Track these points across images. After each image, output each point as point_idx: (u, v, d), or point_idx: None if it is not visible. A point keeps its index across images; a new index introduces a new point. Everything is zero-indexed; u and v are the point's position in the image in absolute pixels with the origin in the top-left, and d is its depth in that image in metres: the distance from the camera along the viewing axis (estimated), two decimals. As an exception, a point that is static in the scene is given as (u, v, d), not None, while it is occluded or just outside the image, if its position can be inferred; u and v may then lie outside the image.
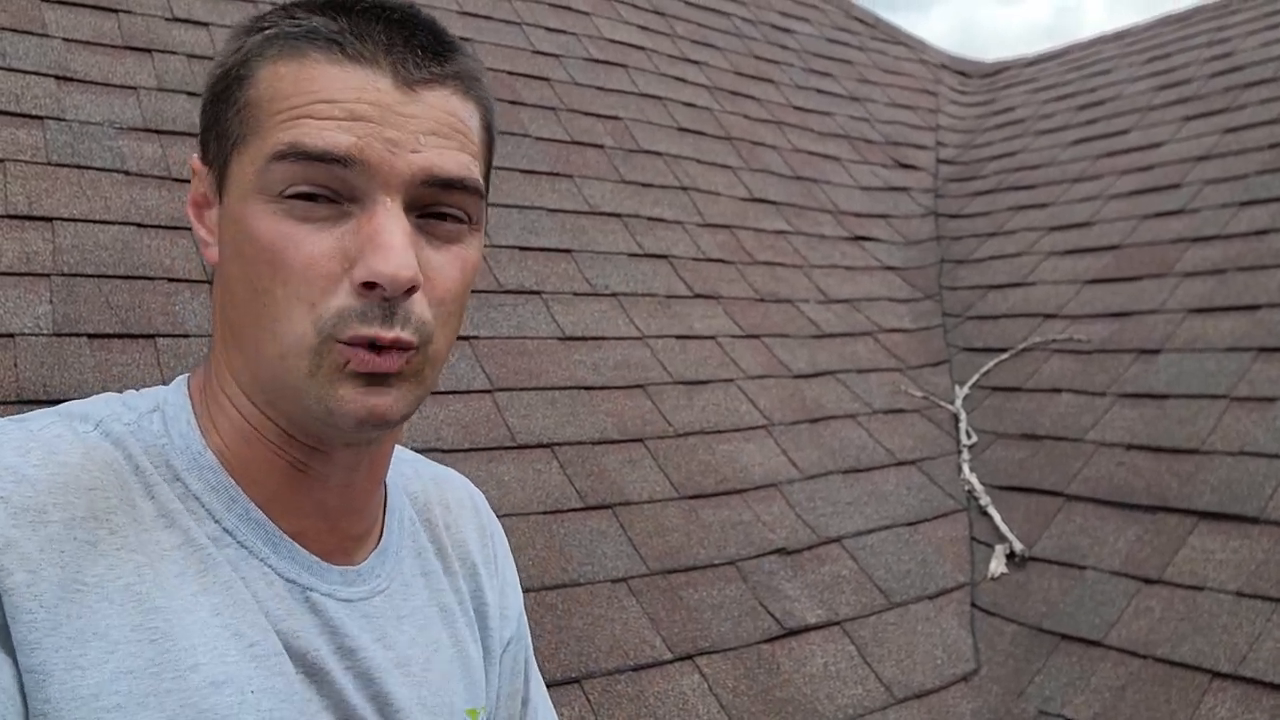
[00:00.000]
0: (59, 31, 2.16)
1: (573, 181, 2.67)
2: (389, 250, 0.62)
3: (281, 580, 0.69)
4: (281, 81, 0.65)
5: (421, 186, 0.65)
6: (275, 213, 0.63)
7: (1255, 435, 2.05)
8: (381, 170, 0.63)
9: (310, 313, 0.63)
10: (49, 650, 0.57)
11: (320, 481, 0.71)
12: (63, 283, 1.71)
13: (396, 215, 0.63)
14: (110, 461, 0.65)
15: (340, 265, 0.63)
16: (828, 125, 3.85)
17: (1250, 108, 3.20)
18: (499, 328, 2.14)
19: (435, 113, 0.66)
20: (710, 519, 1.97)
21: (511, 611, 0.92)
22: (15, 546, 0.58)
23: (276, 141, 0.63)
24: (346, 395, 0.64)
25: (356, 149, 0.62)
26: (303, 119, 0.63)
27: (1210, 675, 1.67)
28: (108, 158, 1.97)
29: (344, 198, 0.63)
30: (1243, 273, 2.52)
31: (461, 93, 0.69)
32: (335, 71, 0.64)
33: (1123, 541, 2.01)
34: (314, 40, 0.65)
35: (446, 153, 0.66)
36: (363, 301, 0.63)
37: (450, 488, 0.91)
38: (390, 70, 0.65)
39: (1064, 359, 2.64)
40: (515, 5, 3.24)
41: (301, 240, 0.63)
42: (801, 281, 2.91)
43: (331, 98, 0.63)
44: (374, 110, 0.63)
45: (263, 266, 0.64)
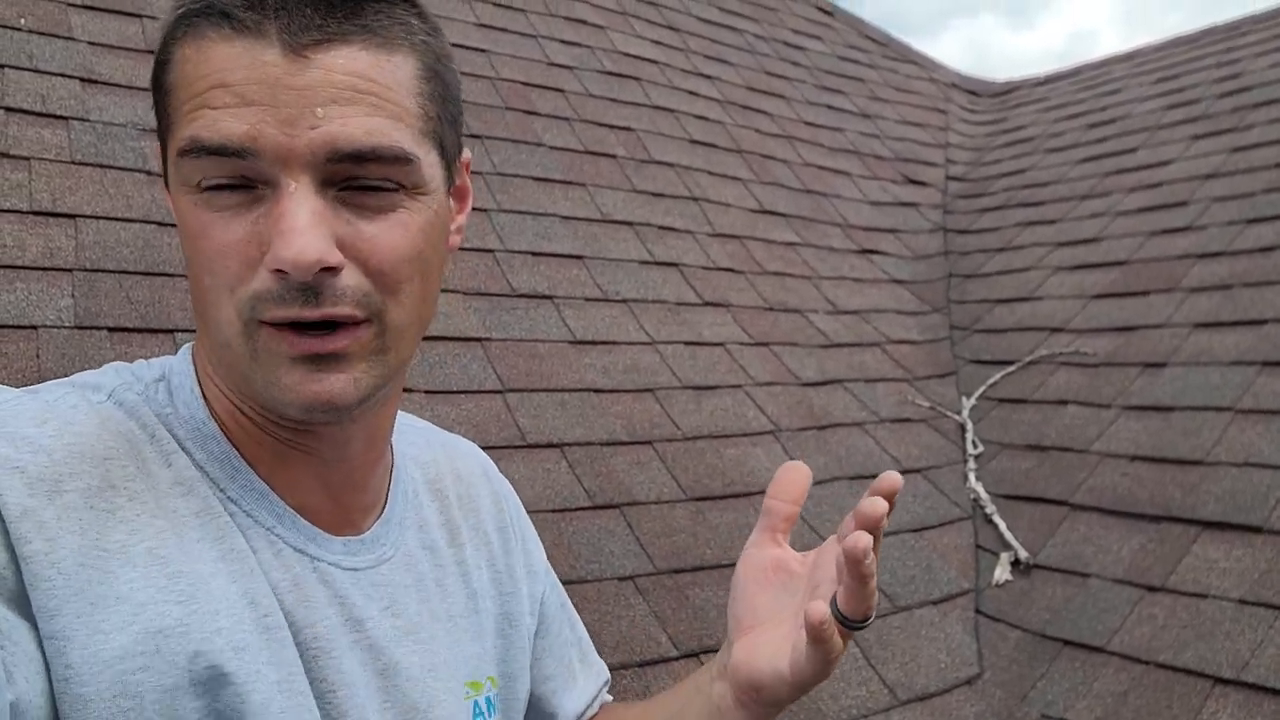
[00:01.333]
0: (85, 35, 2.21)
1: (586, 190, 2.70)
2: (290, 234, 0.59)
3: (290, 549, 0.69)
4: (186, 65, 0.63)
5: (330, 163, 0.61)
6: (196, 204, 0.63)
7: (1259, 447, 2.06)
8: (279, 154, 0.60)
9: (231, 299, 0.62)
10: (69, 616, 0.57)
11: (315, 457, 0.71)
12: (84, 277, 1.75)
13: (301, 197, 0.61)
14: (125, 431, 0.65)
15: (257, 250, 0.61)
16: (838, 141, 3.89)
17: (1258, 127, 3.23)
18: (511, 330, 2.16)
19: (334, 77, 0.61)
20: (717, 521, 1.99)
21: (538, 566, 0.93)
22: (32, 515, 0.58)
23: (181, 137, 0.62)
24: (289, 382, 0.63)
25: (249, 139, 0.60)
26: (201, 109, 0.61)
27: (1212, 681, 1.68)
28: (130, 158, 2.00)
29: (256, 182, 0.62)
30: (1248, 289, 2.53)
31: (374, 46, 0.63)
32: (225, 49, 0.61)
33: (1126, 550, 2.02)
34: (209, 16, 0.62)
35: (352, 121, 0.61)
36: (279, 284, 0.61)
37: (460, 456, 0.91)
38: (278, 38, 0.60)
39: (1070, 372, 2.66)
40: (531, 18, 3.29)
41: (217, 229, 0.62)
42: (810, 292, 2.93)
43: (223, 81, 0.60)
44: (262, 90, 0.60)
45: (192, 256, 0.64)
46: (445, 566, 0.82)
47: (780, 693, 0.71)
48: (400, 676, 0.73)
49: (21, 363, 1.56)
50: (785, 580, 0.76)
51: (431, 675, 0.76)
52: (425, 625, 0.77)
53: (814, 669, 0.68)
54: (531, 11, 3.33)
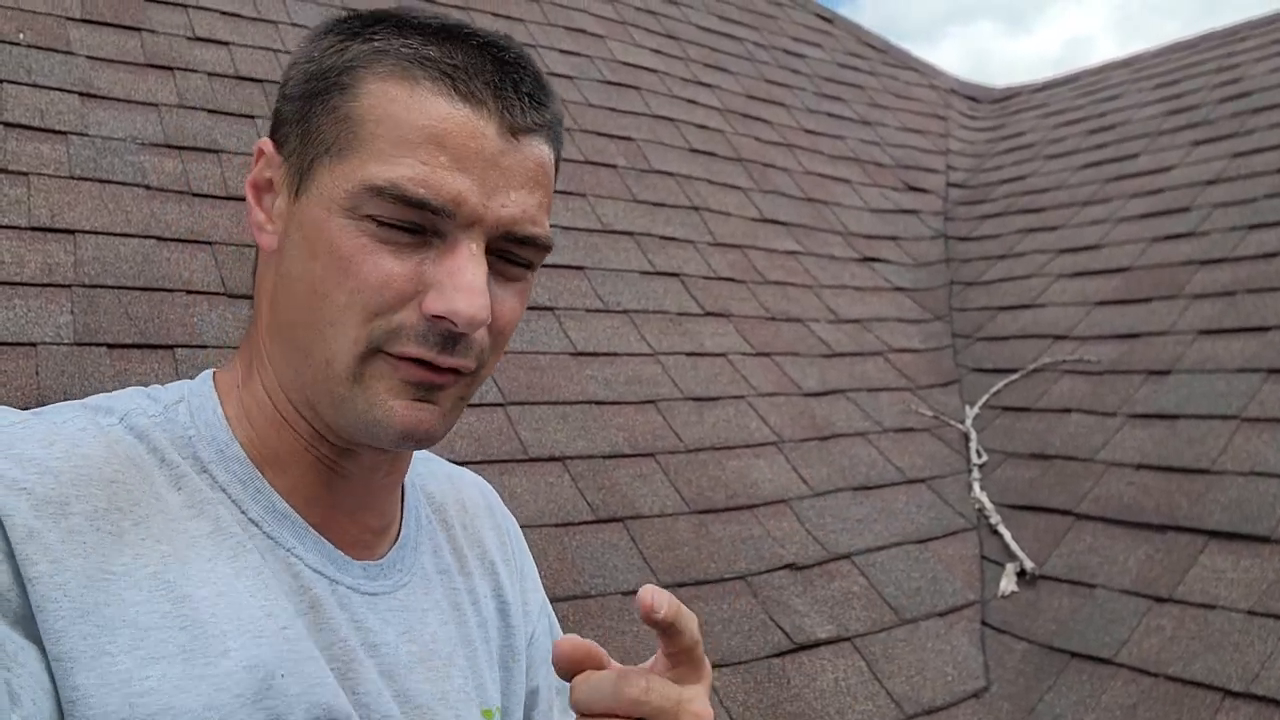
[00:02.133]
0: (83, 50, 2.20)
1: (586, 200, 2.70)
2: (470, 293, 0.64)
3: (309, 570, 0.70)
4: (392, 104, 0.65)
5: (502, 238, 0.67)
6: (359, 229, 0.65)
7: (1266, 455, 2.05)
8: (471, 219, 0.65)
9: (367, 322, 0.65)
10: (75, 638, 0.58)
11: (343, 478, 0.73)
12: (84, 293, 1.74)
13: (479, 259, 0.65)
14: (133, 455, 0.66)
15: (414, 288, 0.65)
16: (838, 148, 3.88)
17: (1259, 132, 3.22)
18: (512, 343, 2.15)
19: (528, 164, 0.67)
20: (720, 534, 1.97)
21: (533, 606, 0.93)
22: (38, 537, 0.58)
23: (377, 175, 0.64)
24: (395, 405, 0.66)
25: (454, 202, 0.64)
26: (407, 158, 0.64)
27: (1222, 694, 1.67)
28: (129, 172, 2.00)
29: (428, 230, 0.65)
30: (1252, 295, 2.52)
31: (549, 140, 0.70)
32: (445, 107, 0.65)
33: (1133, 560, 2.01)
34: (426, 68, 0.65)
35: (529, 209, 0.67)
36: (426, 326, 0.65)
37: (465, 487, 0.92)
38: (497, 114, 0.66)
39: (1074, 379, 2.65)
40: (530, 28, 3.28)
41: (381, 258, 0.65)
42: (812, 301, 2.92)
43: (439, 139, 0.64)
44: (477, 161, 0.65)
45: (334, 272, 0.65)
46: (459, 591, 0.83)
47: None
48: (413, 704, 0.73)
49: (20, 380, 1.55)
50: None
51: (443, 703, 0.75)
52: (441, 652, 0.77)
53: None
54: (530, 21, 3.33)
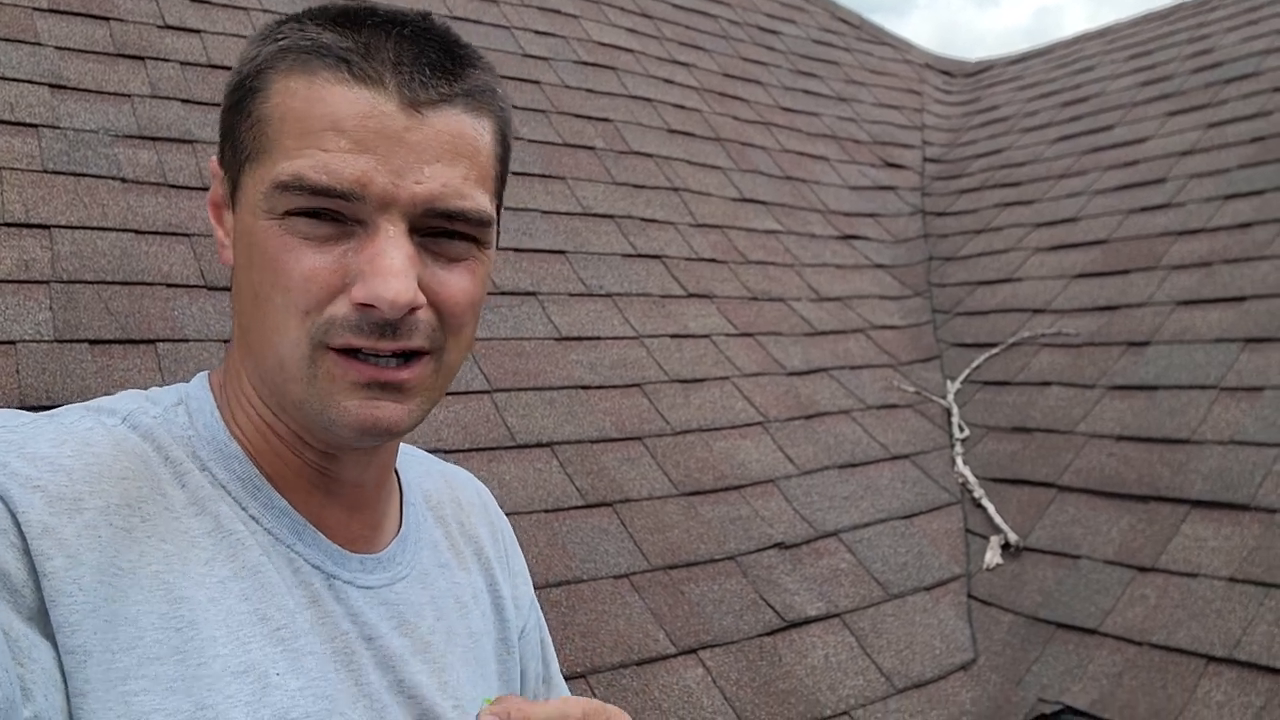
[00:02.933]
0: (51, 40, 2.17)
1: (565, 183, 2.69)
2: (389, 275, 0.63)
3: (309, 566, 0.71)
4: (292, 99, 0.65)
5: (424, 215, 0.65)
6: (281, 229, 0.65)
7: (1244, 424, 2.08)
8: (384, 200, 0.64)
9: (304, 320, 0.65)
10: (89, 632, 0.59)
11: (335, 481, 0.74)
12: (62, 289, 1.72)
13: (398, 240, 0.64)
14: (139, 453, 0.67)
15: (340, 279, 0.64)
16: (815, 126, 3.88)
17: (1231, 103, 3.24)
18: (496, 329, 2.15)
19: (442, 137, 0.66)
20: (709, 515, 1.98)
21: (524, 601, 0.94)
22: (54, 533, 0.59)
23: (282, 170, 0.64)
24: (349, 405, 0.66)
25: (359, 184, 0.63)
26: (309, 148, 0.64)
27: (1206, 660, 1.70)
28: (103, 165, 1.97)
29: (348, 219, 0.65)
30: (1228, 265, 2.55)
31: (473, 110, 0.68)
32: (342, 92, 0.64)
33: (1116, 531, 2.04)
34: (324, 57, 0.65)
35: (451, 183, 0.66)
36: (359, 315, 0.64)
37: (460, 485, 0.93)
38: (396, 91, 0.64)
39: (1053, 353, 2.67)
40: (504, 9, 3.26)
41: (305, 255, 0.64)
42: (793, 280, 2.93)
43: (338, 125, 0.63)
44: (379, 140, 0.64)
45: (267, 275, 0.65)
46: (460, 585, 0.84)
47: None
48: (408, 695, 0.74)
49: (1, 379, 1.53)
50: None
51: (442, 693, 0.77)
52: (439, 643, 0.78)
53: None
54: (504, 2, 3.30)
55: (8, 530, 0.58)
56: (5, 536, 0.58)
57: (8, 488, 0.59)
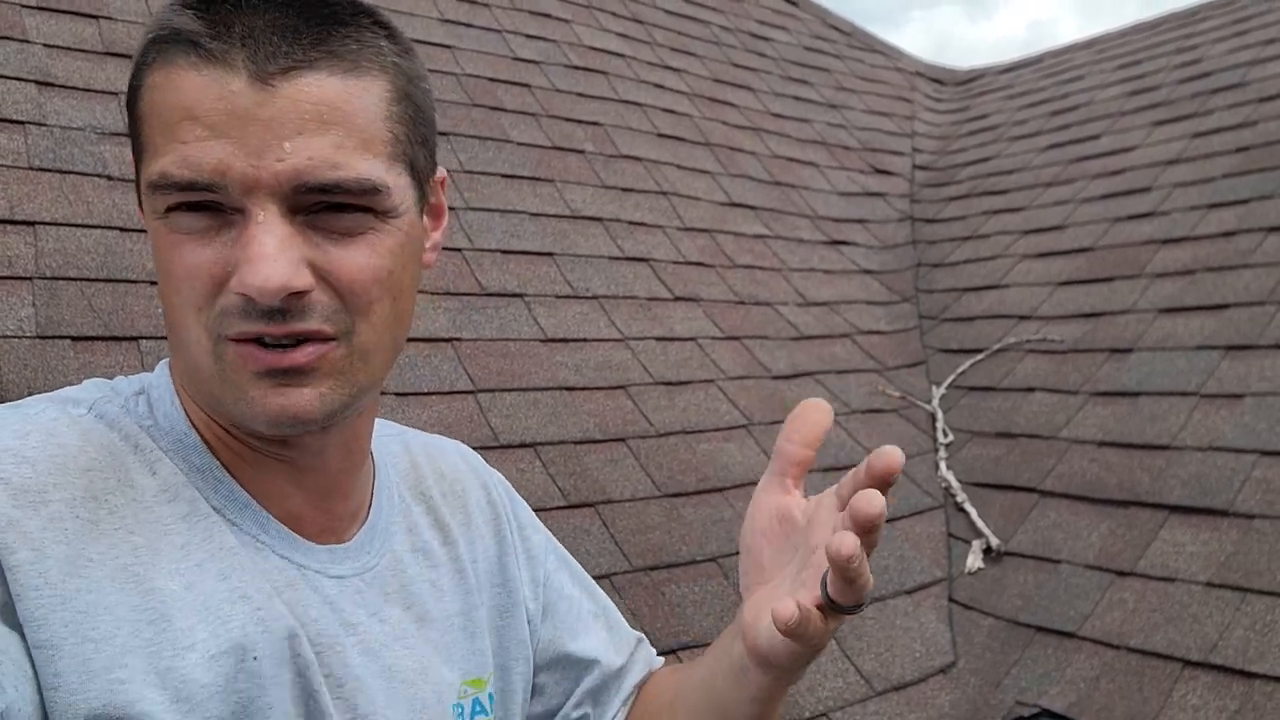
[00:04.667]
0: (39, 37, 2.17)
1: (554, 186, 2.69)
2: (258, 261, 0.61)
3: (275, 555, 0.70)
4: (155, 93, 0.63)
5: (297, 192, 0.62)
6: (167, 228, 0.64)
7: (1224, 431, 2.09)
8: (246, 185, 0.61)
9: (199, 318, 0.64)
10: (57, 625, 0.58)
11: (291, 465, 0.72)
12: (45, 286, 1.72)
13: (268, 224, 0.62)
14: (106, 443, 0.66)
15: (223, 270, 0.63)
16: (805, 132, 3.89)
17: (1218, 113, 3.27)
18: (482, 330, 2.15)
19: (301, 106, 0.62)
20: (691, 517, 1.99)
21: (537, 550, 0.93)
22: (17, 525, 0.59)
23: (152, 171, 0.63)
24: (255, 396, 0.64)
25: (217, 173, 0.61)
26: (171, 143, 0.62)
27: (1182, 664, 1.71)
28: (90, 162, 1.97)
29: (226, 208, 0.63)
30: (1211, 273, 2.57)
31: (342, 72, 0.63)
32: (194, 78, 0.61)
33: (1096, 536, 2.05)
34: (177, 43, 0.62)
35: (318, 154, 0.62)
36: (245, 303, 0.62)
37: (442, 455, 0.92)
38: (244, 67, 0.61)
39: (1038, 359, 2.68)
40: (495, 13, 3.27)
41: (186, 251, 0.63)
42: (780, 284, 2.94)
43: (192, 113, 0.61)
44: (230, 121, 0.61)
45: (164, 277, 0.65)
46: (440, 567, 0.83)
47: (787, 658, 0.66)
48: (397, 679, 0.74)
49: (-18, 375, 1.53)
50: (789, 533, 0.70)
51: (423, 677, 0.77)
52: (412, 630, 0.77)
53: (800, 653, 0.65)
54: (496, 6, 3.31)
55: None
56: None
57: None
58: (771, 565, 0.71)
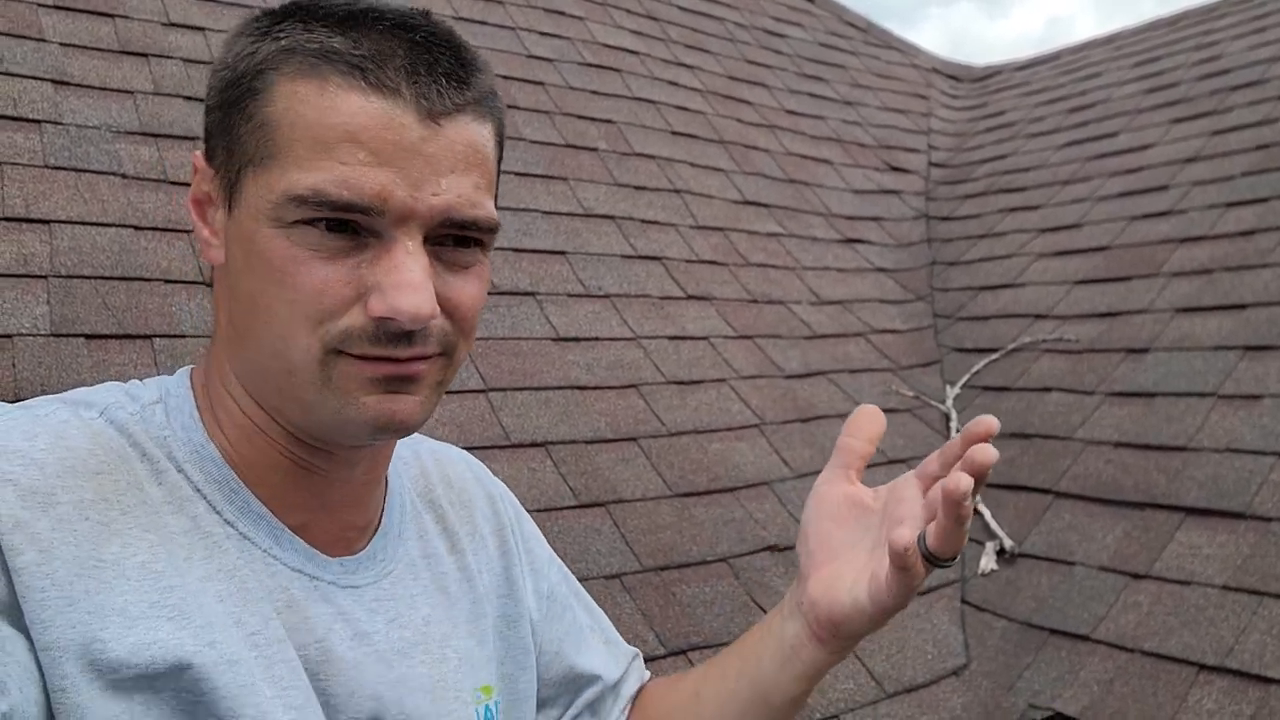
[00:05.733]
0: (56, 36, 2.18)
1: (567, 184, 2.69)
2: (410, 289, 0.63)
3: (286, 569, 0.70)
4: (302, 105, 0.63)
5: (441, 227, 0.66)
6: (291, 239, 0.64)
7: (1241, 432, 2.07)
8: (402, 214, 0.64)
9: (316, 329, 0.64)
10: (63, 627, 0.58)
11: (322, 477, 0.73)
12: (60, 284, 1.73)
13: (417, 254, 0.64)
14: (116, 447, 0.66)
15: (354, 291, 0.64)
16: (820, 129, 3.88)
17: (1237, 110, 3.23)
18: (494, 329, 2.15)
19: (456, 147, 0.65)
20: (703, 516, 1.99)
21: (541, 563, 0.93)
22: (25, 527, 0.59)
23: (298, 182, 0.62)
24: (368, 401, 0.66)
25: (379, 199, 0.63)
26: (326, 160, 0.62)
27: (1197, 668, 1.69)
28: (105, 161, 1.98)
29: (363, 230, 0.64)
30: (1229, 273, 2.54)
31: (480, 116, 0.68)
32: (358, 101, 0.63)
33: (1111, 537, 2.03)
34: (334, 63, 0.63)
35: (465, 193, 0.66)
36: (375, 326, 0.64)
37: (450, 463, 0.92)
38: (413, 102, 0.63)
39: (1053, 358, 2.66)
40: (509, 10, 3.26)
41: (316, 265, 0.64)
42: (794, 283, 2.93)
43: (355, 137, 0.62)
44: (397, 153, 0.63)
45: (272, 286, 0.64)
46: (449, 574, 0.83)
47: (859, 624, 0.75)
48: (411, 687, 0.74)
49: (-3, 372, 1.54)
50: (859, 516, 0.78)
51: (440, 686, 0.76)
52: (434, 635, 0.78)
53: (894, 598, 0.72)
54: (509, 3, 3.31)
55: None
56: None
57: None
58: (842, 546, 0.78)
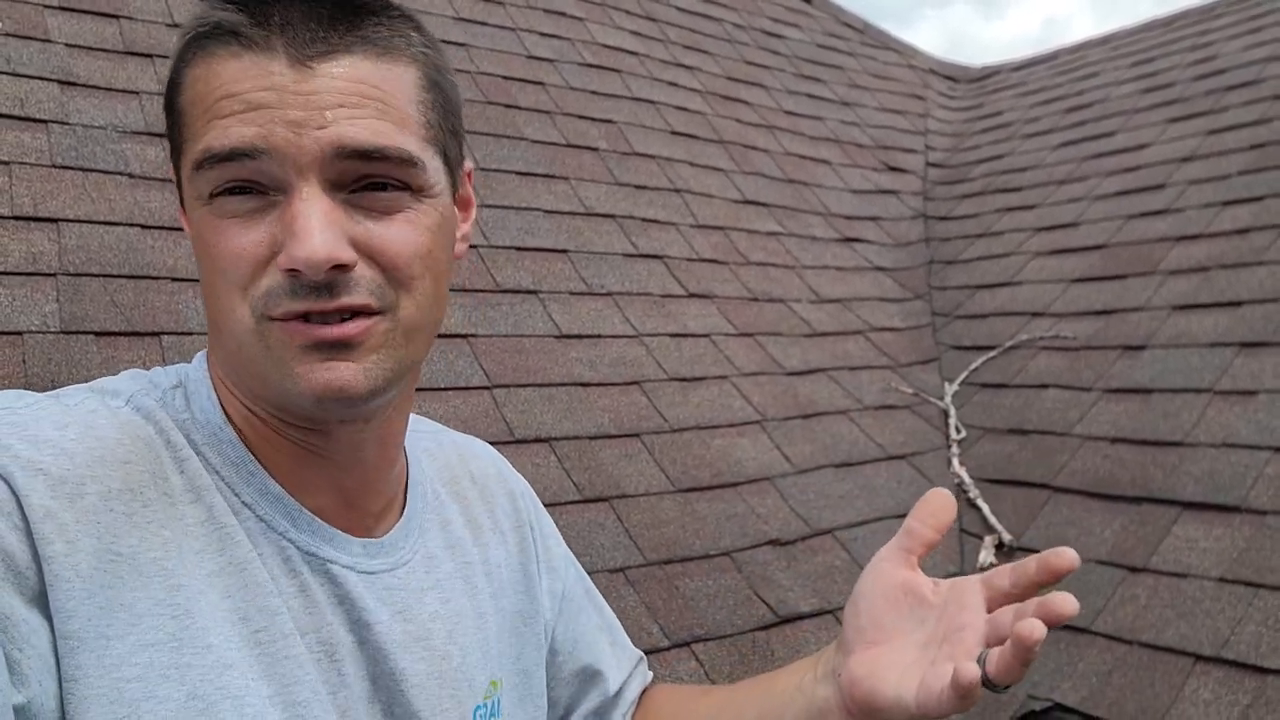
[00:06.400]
0: (62, 37, 2.20)
1: (568, 184, 2.71)
2: (304, 234, 0.62)
3: (300, 554, 0.70)
4: (196, 85, 0.65)
5: (339, 161, 0.64)
6: (211, 214, 0.65)
7: (1237, 427, 2.10)
8: (290, 153, 0.63)
9: (244, 298, 0.64)
10: (82, 619, 0.59)
11: (329, 459, 0.73)
12: (68, 282, 1.75)
13: (312, 198, 0.63)
14: (144, 436, 0.67)
15: (269, 251, 0.64)
16: (818, 129, 3.90)
17: (1232, 110, 3.26)
18: (497, 326, 2.17)
19: (339, 84, 0.64)
20: (705, 511, 2.00)
21: (557, 562, 0.94)
22: (54, 517, 0.59)
23: (193, 150, 0.64)
24: (301, 371, 0.64)
25: (260, 138, 0.62)
26: (211, 121, 0.63)
27: (1194, 659, 1.71)
28: (111, 160, 2.00)
29: (269, 188, 0.64)
30: (1225, 270, 2.57)
31: (375, 56, 0.66)
32: (234, 65, 0.64)
33: (1109, 531, 2.05)
34: (218, 36, 0.65)
35: (359, 122, 0.64)
36: (291, 282, 0.63)
37: (474, 457, 0.93)
38: (284, 51, 0.63)
39: (1051, 355, 2.69)
40: (510, 11, 3.28)
41: (232, 234, 0.64)
42: (793, 282, 2.95)
43: (230, 92, 0.63)
44: (271, 95, 0.63)
45: (207, 262, 0.66)
46: (472, 564, 0.83)
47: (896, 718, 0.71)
48: (405, 683, 0.74)
49: (8, 369, 1.56)
50: (915, 605, 0.75)
51: (438, 682, 0.76)
52: (439, 631, 0.77)
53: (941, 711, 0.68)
54: (510, 4, 3.33)
55: (11, 514, 0.58)
56: (9, 519, 0.58)
57: (11, 471, 0.59)
58: (892, 629, 0.74)
